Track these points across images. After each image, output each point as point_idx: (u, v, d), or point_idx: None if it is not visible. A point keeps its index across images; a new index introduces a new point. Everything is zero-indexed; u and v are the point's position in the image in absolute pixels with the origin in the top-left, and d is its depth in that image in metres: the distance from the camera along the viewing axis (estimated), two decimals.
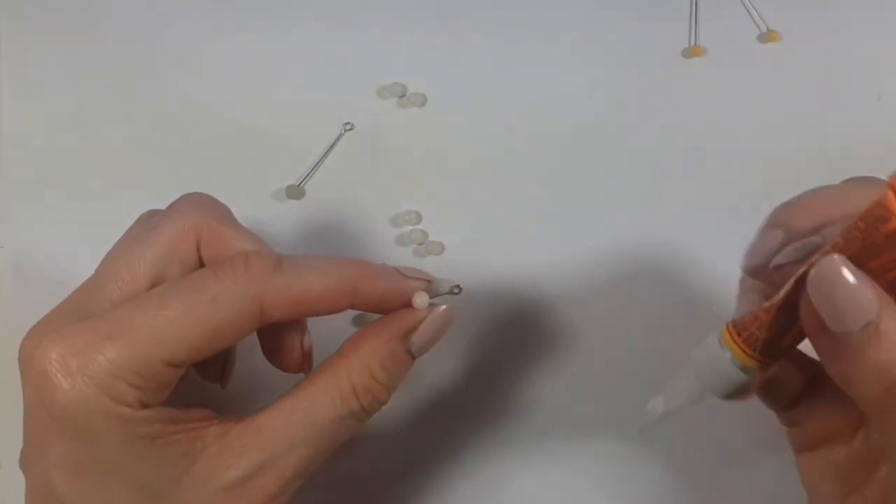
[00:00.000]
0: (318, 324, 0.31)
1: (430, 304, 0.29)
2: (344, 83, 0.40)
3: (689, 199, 0.37)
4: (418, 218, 0.38)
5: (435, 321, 0.29)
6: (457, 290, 0.35)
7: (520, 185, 0.38)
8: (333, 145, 0.39)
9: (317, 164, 0.39)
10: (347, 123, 0.39)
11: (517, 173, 0.38)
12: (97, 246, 0.29)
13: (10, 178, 0.39)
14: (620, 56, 0.40)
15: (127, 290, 0.27)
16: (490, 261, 0.37)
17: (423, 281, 0.30)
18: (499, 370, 0.35)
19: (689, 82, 0.40)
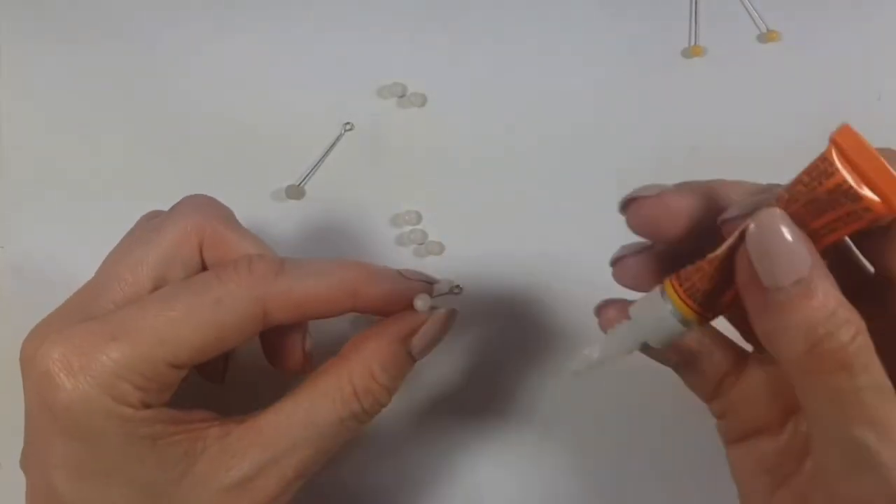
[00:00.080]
0: (319, 326, 0.31)
1: (430, 307, 0.29)
2: (344, 83, 0.40)
3: None
4: (418, 218, 0.38)
5: (436, 323, 0.29)
6: (457, 290, 0.35)
7: (520, 185, 0.38)
8: (333, 145, 0.39)
9: (317, 164, 0.39)
10: (347, 123, 0.39)
11: (517, 173, 0.38)
12: (97, 246, 0.29)
13: (10, 178, 0.39)
14: (620, 56, 0.40)
15: (129, 291, 0.27)
16: (490, 261, 0.37)
17: (424, 283, 0.30)
18: (499, 370, 0.35)
19: (689, 82, 0.40)
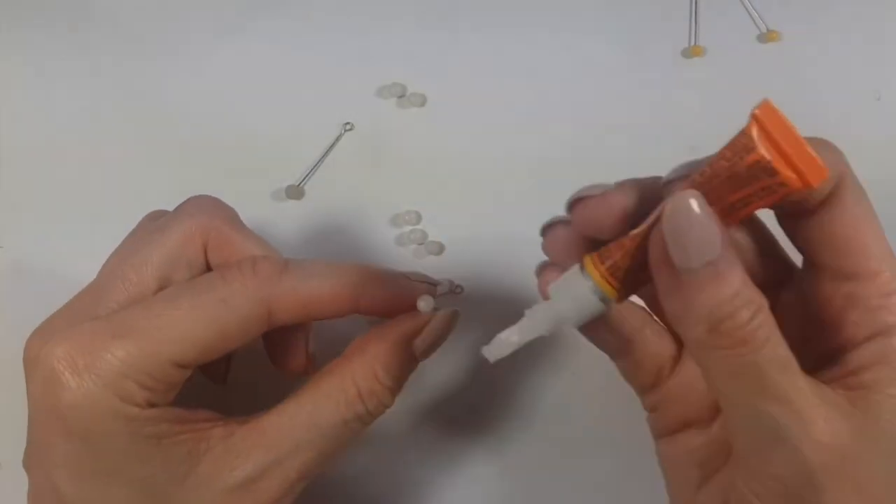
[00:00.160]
0: (322, 327, 0.31)
1: (434, 308, 0.29)
2: (344, 83, 0.40)
3: None
4: (418, 218, 0.38)
5: (439, 325, 0.29)
6: (458, 290, 0.35)
7: (520, 185, 0.38)
8: (333, 145, 0.39)
9: (317, 164, 0.39)
10: (347, 123, 0.39)
11: (517, 173, 0.38)
12: (97, 246, 0.29)
13: (10, 178, 0.39)
14: (620, 56, 0.40)
15: (134, 291, 0.27)
16: (490, 261, 0.37)
17: (427, 285, 0.30)
18: (499, 370, 0.35)
19: (689, 82, 0.40)
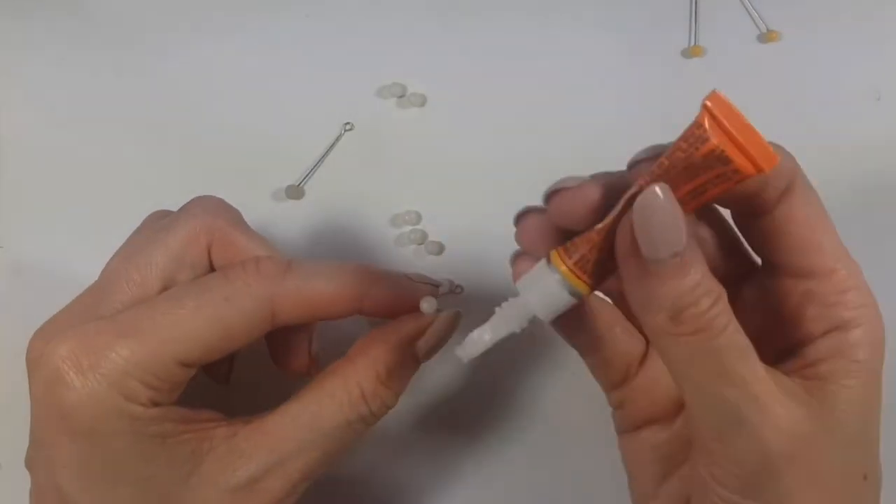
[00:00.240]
0: (324, 328, 0.31)
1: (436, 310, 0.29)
2: (344, 83, 0.40)
3: None
4: (418, 218, 0.38)
5: (441, 326, 0.29)
6: (458, 290, 0.35)
7: (520, 185, 0.38)
8: (333, 145, 0.39)
9: (317, 164, 0.39)
10: (347, 123, 0.39)
11: (517, 173, 0.38)
12: (97, 246, 0.29)
13: (10, 178, 0.39)
14: (620, 56, 0.40)
15: (138, 292, 0.27)
16: (490, 261, 0.37)
17: (430, 286, 0.30)
18: (499, 370, 0.35)
19: (689, 82, 0.40)
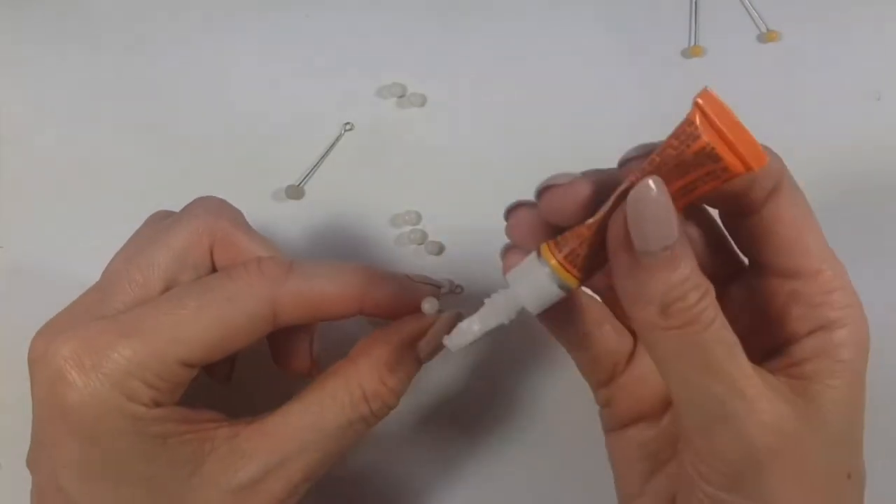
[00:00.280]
0: (326, 329, 0.31)
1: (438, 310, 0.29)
2: (344, 83, 0.40)
3: None
4: (418, 218, 0.38)
5: (443, 327, 0.29)
6: (458, 290, 0.36)
7: (520, 185, 0.38)
8: (333, 145, 0.39)
9: (317, 164, 0.39)
10: (347, 123, 0.39)
11: (517, 173, 0.38)
12: (97, 246, 0.29)
13: (10, 178, 0.39)
14: (620, 56, 0.40)
15: (140, 292, 0.27)
16: (490, 261, 0.36)
17: (432, 287, 0.30)
18: (499, 370, 0.35)
19: (689, 82, 0.39)
